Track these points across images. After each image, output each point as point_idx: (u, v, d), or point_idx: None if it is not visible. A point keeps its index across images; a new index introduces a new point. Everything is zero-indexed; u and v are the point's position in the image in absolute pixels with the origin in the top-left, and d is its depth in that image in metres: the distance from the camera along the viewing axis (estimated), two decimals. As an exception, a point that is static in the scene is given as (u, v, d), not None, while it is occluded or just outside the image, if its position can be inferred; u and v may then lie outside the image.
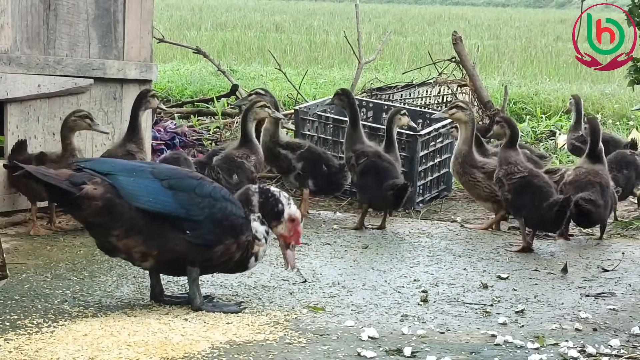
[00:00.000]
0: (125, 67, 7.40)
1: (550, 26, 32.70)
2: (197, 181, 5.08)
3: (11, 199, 6.81)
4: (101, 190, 4.87)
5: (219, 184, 5.30)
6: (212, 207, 4.99)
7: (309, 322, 4.94)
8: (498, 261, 6.54)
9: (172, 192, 4.95)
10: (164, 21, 25.95)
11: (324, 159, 8.04)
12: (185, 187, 5.00)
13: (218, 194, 5.05)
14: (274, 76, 15.46)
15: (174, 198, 4.94)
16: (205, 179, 5.20)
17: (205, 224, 4.97)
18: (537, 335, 4.81)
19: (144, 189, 4.93)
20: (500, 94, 12.90)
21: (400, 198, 7.36)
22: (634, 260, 6.59)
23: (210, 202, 5.00)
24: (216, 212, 4.99)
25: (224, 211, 5.01)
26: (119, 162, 5.24)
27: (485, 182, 7.57)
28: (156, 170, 5.05)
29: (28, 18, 6.81)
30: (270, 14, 34.90)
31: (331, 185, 8.09)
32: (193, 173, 5.39)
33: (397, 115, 8.01)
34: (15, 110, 6.80)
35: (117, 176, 4.91)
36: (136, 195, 4.90)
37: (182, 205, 4.94)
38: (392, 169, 7.53)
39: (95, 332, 4.57)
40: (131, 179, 4.94)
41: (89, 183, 4.88)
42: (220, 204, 5.02)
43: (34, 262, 5.92)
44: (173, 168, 5.34)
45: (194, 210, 4.96)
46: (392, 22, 32.70)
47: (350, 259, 6.46)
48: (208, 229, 4.97)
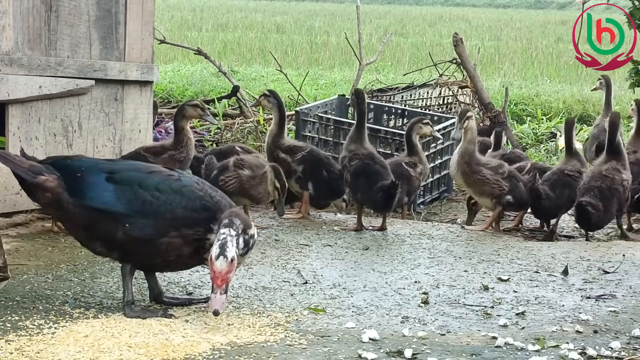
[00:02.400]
0: (127, 69, 7.40)
1: (551, 27, 32.71)
2: (146, 175, 5.02)
3: (12, 200, 6.81)
4: (54, 184, 5.02)
5: (186, 178, 5.09)
6: (156, 200, 4.92)
7: (310, 323, 4.94)
8: (499, 263, 6.54)
9: (115, 186, 4.96)
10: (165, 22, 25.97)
11: (325, 163, 7.97)
12: (129, 181, 4.97)
13: (166, 187, 4.95)
14: (274, 77, 15.48)
15: (114, 192, 4.95)
16: (159, 173, 5.06)
17: (144, 217, 4.91)
18: (538, 337, 4.81)
19: (86, 184, 5.00)
20: (501, 96, 12.92)
21: (390, 198, 7.35)
22: (635, 262, 6.58)
23: (155, 194, 4.93)
24: (160, 204, 4.91)
25: (169, 204, 4.91)
26: (85, 159, 5.30)
27: (493, 177, 7.61)
28: (107, 166, 5.09)
29: (29, 19, 6.81)
30: (272, 15, 34.93)
31: (330, 191, 8.03)
32: (151, 167, 5.23)
33: (418, 124, 8.09)
34: (17, 112, 6.80)
35: (67, 171, 5.04)
36: (78, 190, 4.99)
37: (121, 198, 4.93)
38: (383, 172, 7.53)
39: (96, 333, 4.58)
40: (78, 174, 5.03)
41: (46, 175, 5.04)
42: (167, 196, 4.93)
43: (35, 263, 5.92)
44: (132, 163, 5.32)
45: (133, 204, 4.93)
46: (393, 23, 32.72)
47: (351, 260, 6.47)
48: (147, 222, 4.92)
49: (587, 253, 6.89)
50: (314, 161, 7.90)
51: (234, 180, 7.32)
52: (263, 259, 6.37)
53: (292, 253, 6.57)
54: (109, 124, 7.40)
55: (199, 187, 5.02)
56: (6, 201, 6.79)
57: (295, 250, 6.66)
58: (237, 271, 5.05)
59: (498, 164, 7.77)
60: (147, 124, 7.66)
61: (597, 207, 7.36)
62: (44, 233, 6.70)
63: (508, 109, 12.51)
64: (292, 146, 8.01)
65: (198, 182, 5.09)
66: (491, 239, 7.39)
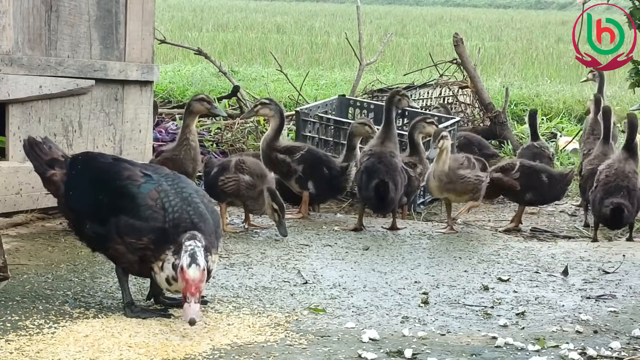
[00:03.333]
0: (127, 68, 7.40)
1: (552, 28, 32.72)
2: (116, 176, 4.92)
3: (12, 200, 6.82)
4: (57, 178, 5.16)
5: (148, 185, 4.87)
6: (104, 204, 4.88)
7: (310, 323, 4.94)
8: (499, 263, 6.54)
9: (87, 186, 5.00)
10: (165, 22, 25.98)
11: (324, 161, 7.95)
12: (97, 182, 4.97)
13: (124, 192, 4.85)
14: (275, 77, 15.48)
15: (81, 192, 5.00)
16: (129, 178, 4.90)
17: (94, 220, 4.93)
18: (538, 337, 4.81)
19: (70, 182, 5.09)
20: (501, 96, 12.92)
21: (381, 197, 7.31)
22: (635, 263, 6.59)
23: (105, 198, 4.89)
24: (108, 209, 4.87)
25: (116, 210, 4.84)
26: (102, 157, 5.28)
27: (472, 174, 7.60)
28: (98, 165, 5.10)
29: (30, 19, 6.81)
30: (272, 15, 34.93)
31: (332, 188, 8.00)
32: (134, 169, 5.00)
33: (421, 122, 8.05)
34: (17, 111, 6.80)
35: (71, 167, 5.13)
36: (66, 187, 5.09)
37: (83, 199, 4.99)
38: (383, 170, 7.38)
39: (96, 333, 4.58)
40: (72, 172, 5.11)
41: (57, 169, 5.17)
42: (118, 201, 4.85)
43: (35, 263, 5.92)
44: (123, 164, 5.05)
45: (88, 206, 4.97)
46: (393, 23, 32.72)
47: (351, 260, 6.47)
48: (96, 226, 4.93)
49: (587, 253, 6.89)
50: (313, 159, 7.88)
51: (233, 183, 7.22)
52: (263, 259, 6.37)
53: (292, 253, 6.57)
54: (109, 123, 7.40)
55: (154, 197, 4.82)
56: (6, 201, 6.79)
57: (295, 250, 6.66)
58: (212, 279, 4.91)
59: (466, 159, 7.72)
60: (147, 124, 7.66)
61: (628, 208, 7.42)
62: (44, 233, 6.70)
63: (508, 109, 12.51)
64: (289, 147, 7.96)
65: (160, 191, 4.84)
66: (491, 239, 7.39)
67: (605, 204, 7.39)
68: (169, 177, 4.98)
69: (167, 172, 5.07)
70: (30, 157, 5.30)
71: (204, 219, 4.81)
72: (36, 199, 6.90)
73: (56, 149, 5.34)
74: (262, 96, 12.68)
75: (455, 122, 9.38)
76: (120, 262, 4.96)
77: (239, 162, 7.31)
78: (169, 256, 4.70)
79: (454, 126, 9.26)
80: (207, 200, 5.02)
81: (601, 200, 7.44)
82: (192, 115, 7.43)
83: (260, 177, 7.23)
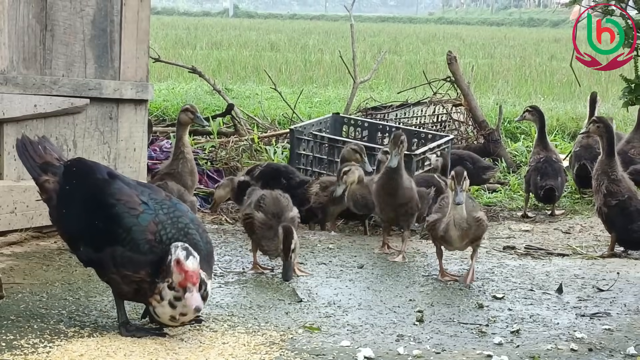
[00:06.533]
0: (122, 87, 7.42)
1: (545, 45, 32.79)
2: (113, 201, 4.83)
3: (7, 218, 6.81)
4: (51, 186, 5.07)
5: (147, 215, 4.80)
6: (101, 231, 4.80)
7: (305, 342, 4.94)
8: (493, 281, 6.55)
9: (81, 205, 4.93)
10: (159, 40, 25.99)
11: (283, 172, 8.06)
12: (93, 202, 4.88)
13: (121, 220, 4.78)
14: (269, 95, 15.48)
15: (80, 215, 4.91)
16: (126, 203, 4.82)
17: (88, 245, 4.89)
18: (533, 355, 4.82)
19: (63, 197, 5.00)
20: (494, 113, 12.93)
21: None
22: (629, 280, 6.60)
23: (101, 224, 4.81)
24: (103, 237, 4.80)
25: (113, 239, 4.77)
26: (97, 170, 5.11)
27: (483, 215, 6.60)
28: (98, 183, 4.97)
29: (25, 38, 6.83)
30: (266, 33, 34.98)
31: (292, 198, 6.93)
32: (132, 193, 4.90)
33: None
34: (12, 130, 6.81)
35: (66, 177, 5.04)
36: (60, 200, 5.01)
37: (77, 219, 4.92)
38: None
39: (91, 352, 4.58)
40: (67, 186, 5.01)
41: (50, 176, 5.07)
42: (115, 229, 4.77)
43: (29, 282, 5.91)
44: (122, 186, 4.94)
45: (80, 229, 4.91)
46: (386, 41, 32.79)
47: (346, 278, 6.47)
48: (90, 252, 4.90)
49: (581, 271, 6.90)
50: (272, 172, 8.02)
51: (249, 220, 6.58)
52: (258, 277, 6.37)
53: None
54: (104, 142, 7.41)
55: (152, 230, 4.78)
56: (1, 220, 6.78)
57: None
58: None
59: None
60: (141, 142, 7.67)
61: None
62: (38, 252, 6.69)
63: (502, 126, 12.54)
64: (249, 168, 8.14)
65: (157, 223, 4.79)
66: (485, 257, 7.39)
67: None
68: (165, 205, 4.92)
69: (162, 197, 5.01)
70: (23, 159, 5.17)
71: (198, 249, 4.79)
72: (31, 217, 6.90)
73: (52, 150, 5.23)
74: (257, 114, 12.73)
75: (449, 139, 9.40)
76: (115, 289, 4.95)
77: (260, 199, 6.65)
78: (164, 285, 4.71)
79: (448, 144, 9.27)
80: (202, 230, 5.01)
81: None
82: (181, 127, 7.79)
83: (278, 214, 6.52)
